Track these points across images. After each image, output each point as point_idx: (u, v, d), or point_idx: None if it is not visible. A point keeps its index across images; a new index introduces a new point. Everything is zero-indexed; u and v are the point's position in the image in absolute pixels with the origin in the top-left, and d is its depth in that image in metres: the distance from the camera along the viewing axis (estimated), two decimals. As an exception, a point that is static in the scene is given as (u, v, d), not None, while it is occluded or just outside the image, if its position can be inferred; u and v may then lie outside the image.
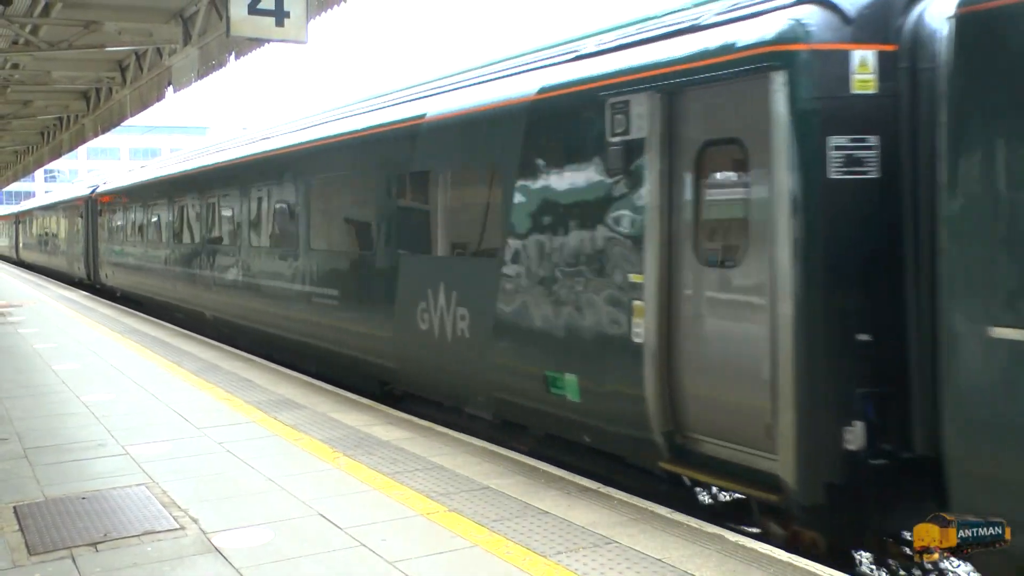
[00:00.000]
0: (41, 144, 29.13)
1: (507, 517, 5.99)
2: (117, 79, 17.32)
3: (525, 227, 7.89)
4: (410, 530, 5.77)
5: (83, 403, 9.89)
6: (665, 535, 5.63)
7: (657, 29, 6.99)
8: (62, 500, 6.43)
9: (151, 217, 21.55)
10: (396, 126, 10.25)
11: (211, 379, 11.44)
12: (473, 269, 8.94)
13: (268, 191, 13.98)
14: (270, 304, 13.64)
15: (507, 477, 6.94)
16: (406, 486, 6.70)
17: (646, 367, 6.52)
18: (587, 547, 5.43)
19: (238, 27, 7.64)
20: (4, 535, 5.72)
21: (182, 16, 12.68)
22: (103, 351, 14.07)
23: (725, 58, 6.05)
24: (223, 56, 12.08)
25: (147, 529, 5.78)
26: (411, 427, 8.71)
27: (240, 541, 5.58)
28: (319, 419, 9.05)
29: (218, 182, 16.62)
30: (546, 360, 7.58)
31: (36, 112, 22.21)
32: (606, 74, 7.10)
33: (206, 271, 16.98)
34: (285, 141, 13.81)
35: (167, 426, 8.78)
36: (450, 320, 8.78)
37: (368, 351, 10.68)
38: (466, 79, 9.52)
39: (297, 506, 6.27)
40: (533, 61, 8.45)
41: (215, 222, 16.73)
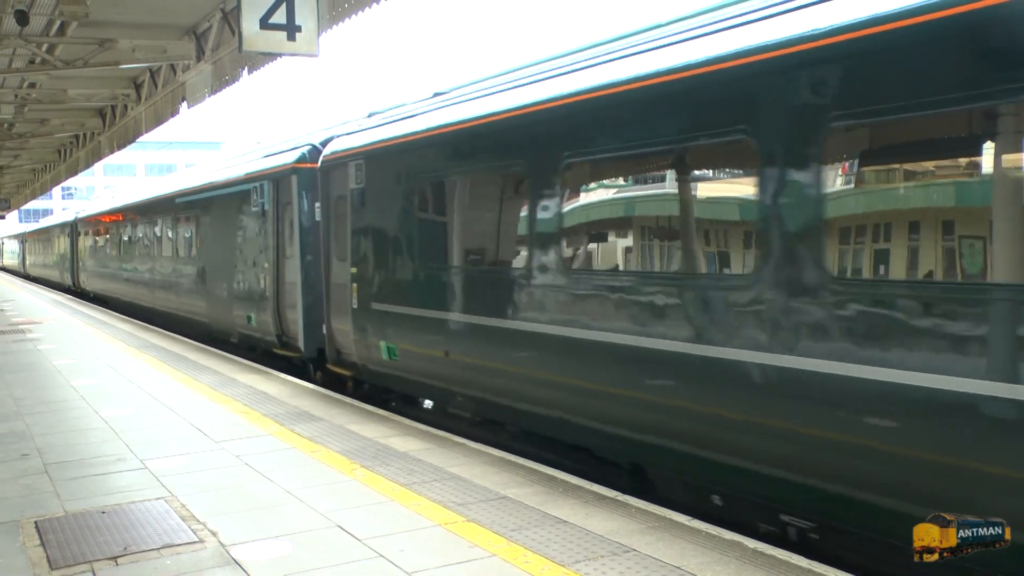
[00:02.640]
0: (58, 162, 29.41)
1: (525, 526, 5.98)
2: (132, 96, 17.49)
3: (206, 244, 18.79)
4: (428, 540, 5.77)
5: (102, 418, 9.94)
6: (683, 542, 5.61)
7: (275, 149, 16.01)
8: (82, 515, 6.46)
9: (110, 236, 30.39)
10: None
11: (228, 392, 11.48)
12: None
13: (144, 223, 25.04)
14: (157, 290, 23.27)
15: (525, 487, 6.93)
16: (424, 497, 6.70)
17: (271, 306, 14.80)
18: (606, 555, 5.41)
19: (250, 42, 7.68)
20: (27, 550, 5.75)
21: (195, 32, 12.80)
22: (120, 366, 14.15)
23: (284, 168, 14.33)
24: (236, 71, 12.19)
25: (166, 543, 5.81)
26: (428, 438, 8.72)
27: (259, 553, 5.59)
28: (336, 431, 9.07)
29: (149, 211, 24.65)
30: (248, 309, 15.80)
31: (53, 130, 22.44)
32: (255, 170, 15.82)
33: (139, 274, 25.48)
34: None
35: (185, 440, 8.82)
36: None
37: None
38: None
39: (315, 518, 6.28)
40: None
41: (149, 241, 24.51)
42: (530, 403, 8.32)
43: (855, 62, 5.23)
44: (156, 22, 12.43)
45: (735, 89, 6.03)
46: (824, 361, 5.32)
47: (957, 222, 5.00)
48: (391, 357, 10.64)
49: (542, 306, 7.87)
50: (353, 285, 11.43)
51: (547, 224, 7.76)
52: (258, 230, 15.22)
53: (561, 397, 7.82)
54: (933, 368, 4.77)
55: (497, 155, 8.88)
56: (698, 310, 6.28)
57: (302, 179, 13.60)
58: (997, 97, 4.59)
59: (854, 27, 5.23)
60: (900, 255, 5.22)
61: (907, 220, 5.18)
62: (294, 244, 13.79)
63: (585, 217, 7.65)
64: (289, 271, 14.08)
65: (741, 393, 5.93)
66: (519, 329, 8.19)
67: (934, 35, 4.85)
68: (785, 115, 5.65)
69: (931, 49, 4.88)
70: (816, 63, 5.47)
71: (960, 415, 4.70)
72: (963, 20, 4.70)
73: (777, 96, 5.71)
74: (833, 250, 5.46)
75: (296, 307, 13.70)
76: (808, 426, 5.51)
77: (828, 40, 5.37)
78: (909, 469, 4.99)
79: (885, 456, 5.07)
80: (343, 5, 9.29)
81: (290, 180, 13.87)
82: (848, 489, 5.38)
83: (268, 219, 14.69)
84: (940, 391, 4.73)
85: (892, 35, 5.03)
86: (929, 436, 4.92)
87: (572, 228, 7.66)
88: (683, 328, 6.33)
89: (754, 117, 5.82)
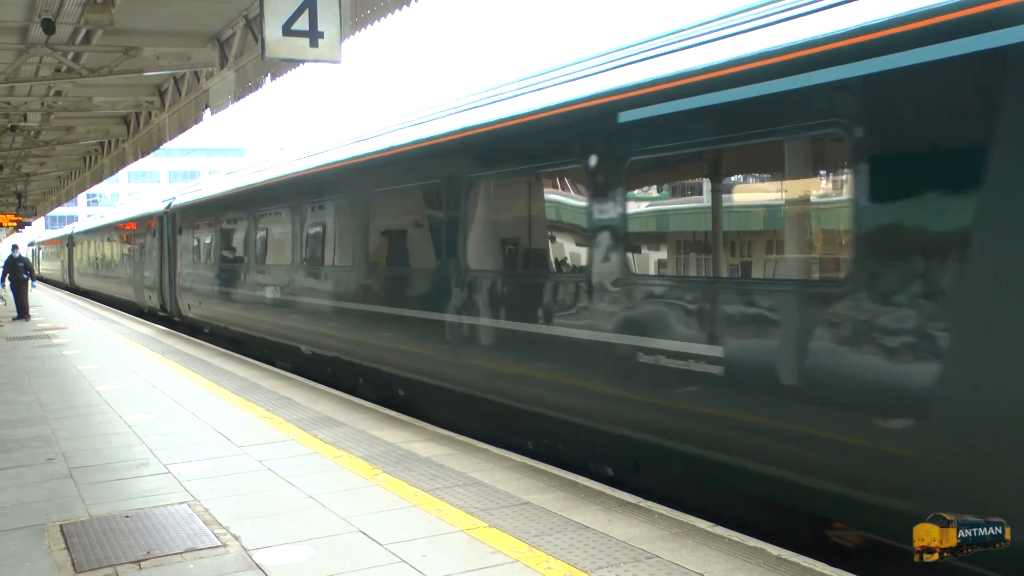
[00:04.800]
0: (83, 169, 29.70)
1: (548, 532, 5.96)
2: (156, 103, 17.63)
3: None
4: (451, 546, 5.76)
5: (126, 423, 10.01)
6: (706, 549, 5.57)
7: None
8: (106, 519, 6.50)
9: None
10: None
11: (251, 398, 11.53)
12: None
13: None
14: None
15: (547, 492, 6.91)
16: (446, 502, 6.70)
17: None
18: (628, 561, 5.39)
19: (273, 49, 7.71)
20: (52, 553, 5.79)
21: (219, 39, 12.88)
22: (145, 371, 14.24)
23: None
24: (259, 78, 12.25)
25: (189, 547, 5.83)
26: (451, 443, 8.71)
27: (281, 558, 5.60)
28: (359, 436, 9.09)
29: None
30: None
31: (78, 137, 22.67)
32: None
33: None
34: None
35: (208, 445, 8.86)
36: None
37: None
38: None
39: (338, 523, 6.29)
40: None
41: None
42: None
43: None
44: (180, 30, 12.52)
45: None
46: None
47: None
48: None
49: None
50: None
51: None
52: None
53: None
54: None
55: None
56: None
57: None
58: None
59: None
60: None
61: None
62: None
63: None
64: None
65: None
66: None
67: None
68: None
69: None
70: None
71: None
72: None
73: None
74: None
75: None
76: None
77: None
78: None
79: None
80: (366, 11, 9.32)
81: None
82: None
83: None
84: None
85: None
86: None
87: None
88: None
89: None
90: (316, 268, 13.72)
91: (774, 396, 5.88)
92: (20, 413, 10.78)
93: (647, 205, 7.69)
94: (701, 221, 7.23)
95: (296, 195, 14.40)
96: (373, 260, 11.79)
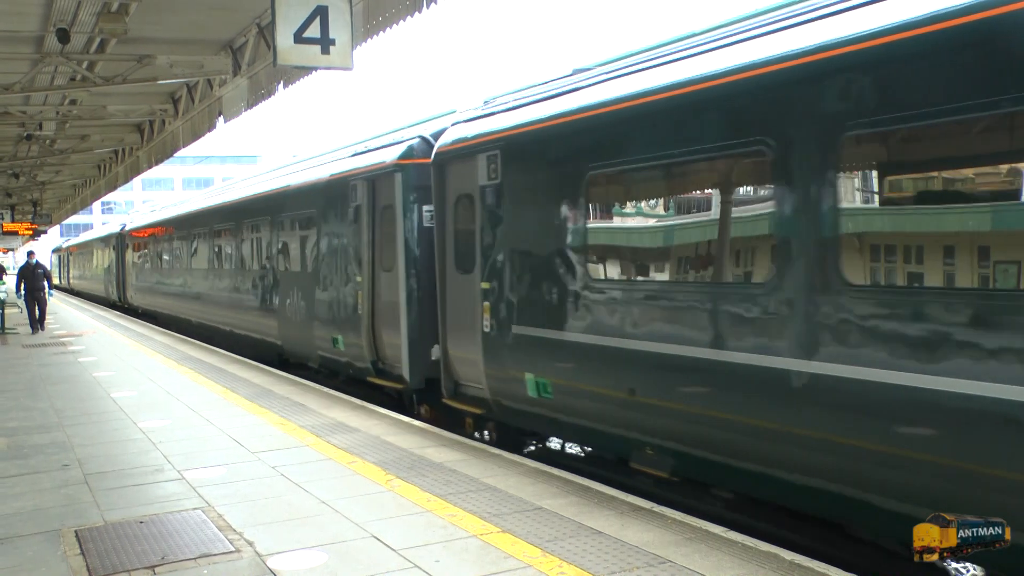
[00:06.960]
0: (98, 177, 29.88)
1: (560, 537, 5.96)
2: (170, 111, 17.74)
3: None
4: (464, 551, 5.77)
5: (140, 429, 10.06)
6: (719, 554, 5.56)
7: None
8: (121, 524, 6.53)
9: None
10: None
11: (264, 404, 11.57)
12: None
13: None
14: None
15: (560, 497, 6.91)
16: (459, 507, 6.71)
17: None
18: (641, 566, 5.38)
19: (285, 56, 7.75)
20: (67, 559, 5.83)
21: (231, 47, 12.96)
22: (159, 378, 14.31)
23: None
24: (272, 85, 12.32)
25: (203, 552, 5.85)
26: (464, 449, 8.72)
27: (295, 563, 5.62)
28: (372, 442, 9.11)
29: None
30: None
31: (93, 146, 22.82)
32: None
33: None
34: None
35: (222, 451, 8.89)
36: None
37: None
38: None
39: (351, 528, 6.30)
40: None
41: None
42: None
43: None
44: (193, 38, 12.60)
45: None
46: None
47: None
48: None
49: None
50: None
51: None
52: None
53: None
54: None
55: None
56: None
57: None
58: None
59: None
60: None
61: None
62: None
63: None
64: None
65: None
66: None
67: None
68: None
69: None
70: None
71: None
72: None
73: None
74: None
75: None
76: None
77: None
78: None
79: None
80: (377, 18, 9.36)
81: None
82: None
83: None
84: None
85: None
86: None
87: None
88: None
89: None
90: (194, 272, 23.96)
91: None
92: (36, 419, 10.86)
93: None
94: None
95: (179, 228, 26.23)
96: (214, 266, 21.78)
